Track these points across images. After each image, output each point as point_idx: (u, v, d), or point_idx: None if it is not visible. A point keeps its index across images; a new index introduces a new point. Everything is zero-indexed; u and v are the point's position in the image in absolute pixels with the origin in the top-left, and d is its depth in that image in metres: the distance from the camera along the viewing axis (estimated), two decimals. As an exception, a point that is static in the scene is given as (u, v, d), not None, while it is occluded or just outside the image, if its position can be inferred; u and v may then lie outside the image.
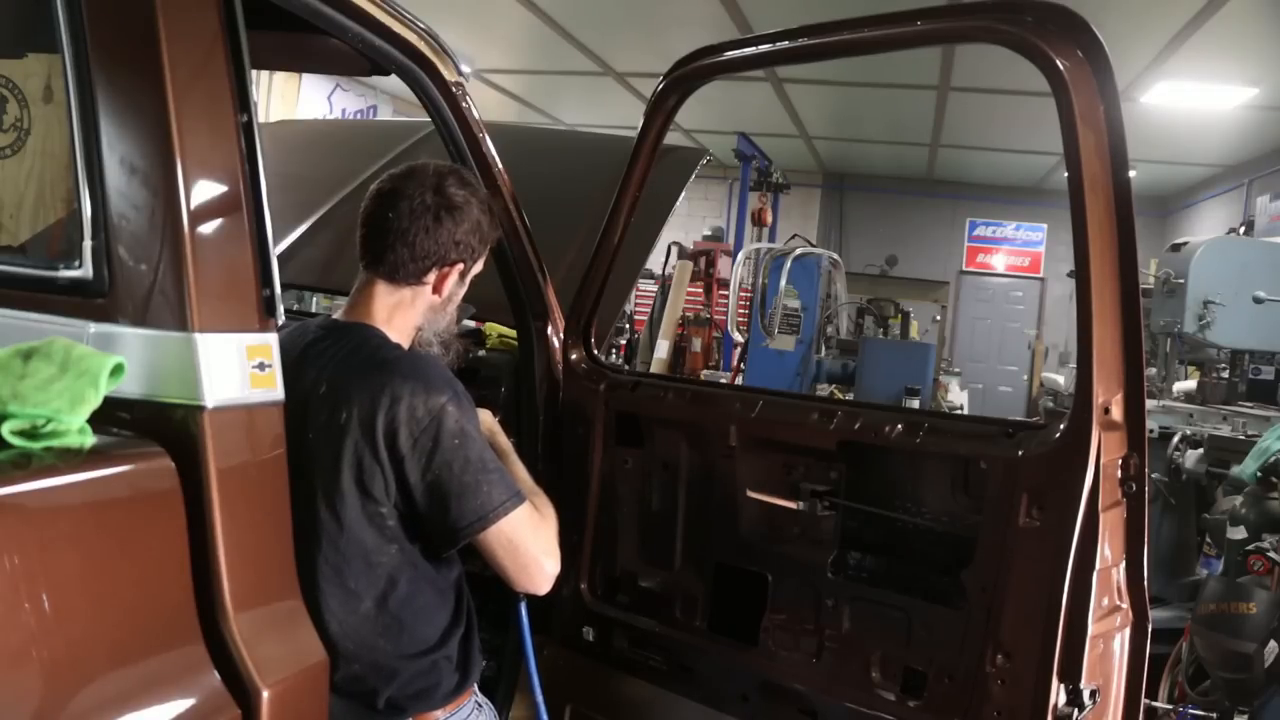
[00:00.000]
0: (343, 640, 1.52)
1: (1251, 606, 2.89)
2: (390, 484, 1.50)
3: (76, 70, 1.17)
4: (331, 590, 1.52)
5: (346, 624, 1.53)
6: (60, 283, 1.20)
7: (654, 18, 7.28)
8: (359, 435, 1.48)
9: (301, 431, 1.50)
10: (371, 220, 1.62)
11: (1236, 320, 5.26)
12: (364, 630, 1.54)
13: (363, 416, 1.48)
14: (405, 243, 1.59)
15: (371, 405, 1.49)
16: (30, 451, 1.02)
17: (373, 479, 1.49)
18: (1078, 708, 1.62)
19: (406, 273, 1.61)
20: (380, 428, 1.48)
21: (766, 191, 10.42)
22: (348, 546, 1.52)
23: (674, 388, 2.30)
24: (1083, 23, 1.64)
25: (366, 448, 1.48)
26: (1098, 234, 1.63)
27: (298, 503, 1.50)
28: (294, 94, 8.97)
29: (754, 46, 2.15)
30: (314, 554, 1.50)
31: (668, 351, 8.74)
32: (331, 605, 1.52)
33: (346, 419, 1.49)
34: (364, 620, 1.54)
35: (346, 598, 1.53)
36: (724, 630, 2.18)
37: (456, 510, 1.51)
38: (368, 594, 1.54)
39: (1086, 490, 1.62)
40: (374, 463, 1.48)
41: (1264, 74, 7.18)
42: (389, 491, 1.51)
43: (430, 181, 1.61)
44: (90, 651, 1.02)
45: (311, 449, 1.50)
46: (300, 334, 1.64)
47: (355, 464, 1.49)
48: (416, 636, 1.58)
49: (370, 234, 1.62)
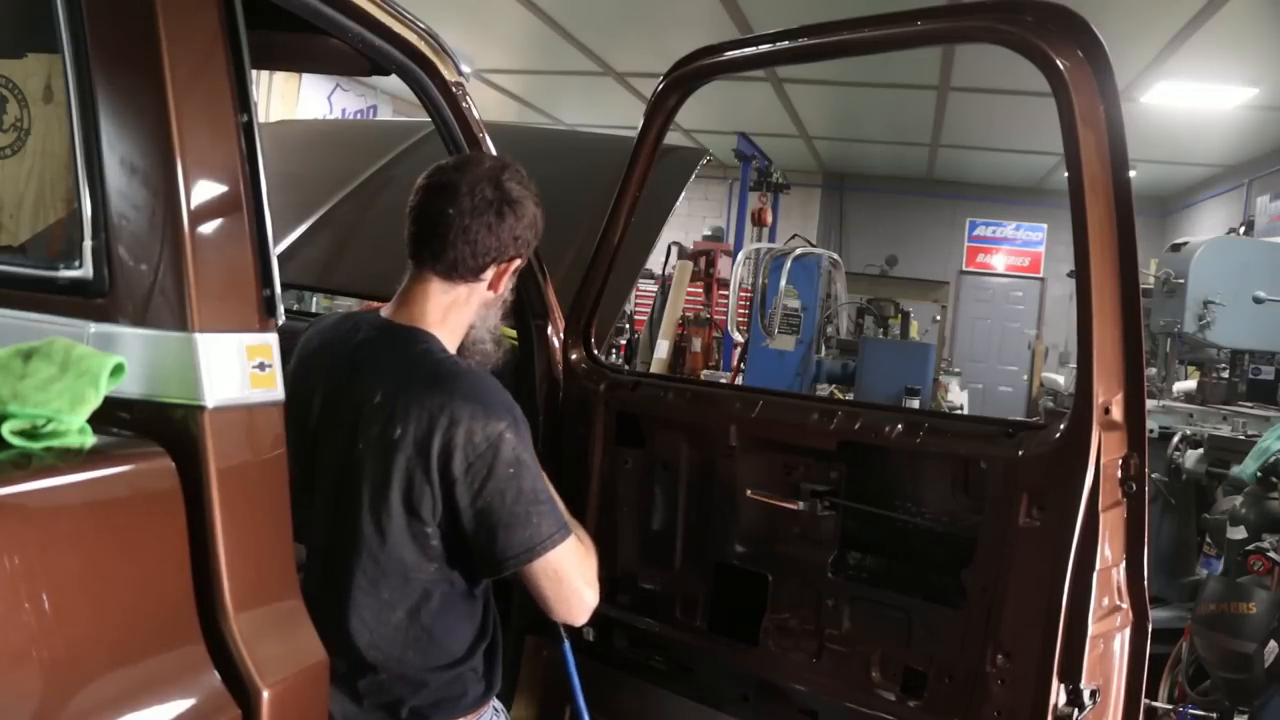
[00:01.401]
0: (371, 650, 1.51)
1: (1251, 606, 2.89)
2: (438, 506, 1.47)
3: (76, 70, 1.17)
4: (365, 600, 1.50)
5: (377, 634, 1.51)
6: (60, 283, 1.20)
7: (654, 18, 7.28)
8: (412, 453, 1.44)
9: (351, 440, 1.49)
10: (427, 216, 1.55)
11: (1236, 320, 5.27)
12: (394, 641, 1.52)
13: (418, 435, 1.44)
14: (466, 239, 1.53)
15: (429, 425, 1.44)
16: (30, 451, 1.02)
17: (421, 499, 1.46)
18: (1078, 708, 1.62)
19: (465, 269, 1.56)
20: (435, 449, 1.44)
21: (766, 191, 10.42)
22: (387, 561, 1.49)
23: (674, 388, 2.30)
24: (1083, 23, 1.64)
25: (419, 467, 1.45)
26: (1098, 234, 1.63)
27: (340, 509, 1.50)
28: (294, 94, 8.97)
29: (754, 46, 2.15)
30: (351, 564, 1.49)
31: (668, 351, 8.74)
32: (364, 615, 1.50)
33: (401, 435, 1.44)
34: (395, 631, 1.52)
35: (380, 608, 1.51)
36: (724, 630, 2.18)
37: (504, 540, 1.47)
38: (401, 606, 1.51)
39: (1086, 490, 1.62)
40: (424, 483, 1.45)
41: (1264, 74, 7.18)
42: (436, 512, 1.47)
43: (489, 175, 1.55)
44: (90, 651, 1.02)
45: (361, 459, 1.47)
46: (349, 331, 1.60)
47: (405, 481, 1.45)
48: (445, 649, 1.56)
49: (425, 230, 1.55)
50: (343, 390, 1.54)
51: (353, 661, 1.52)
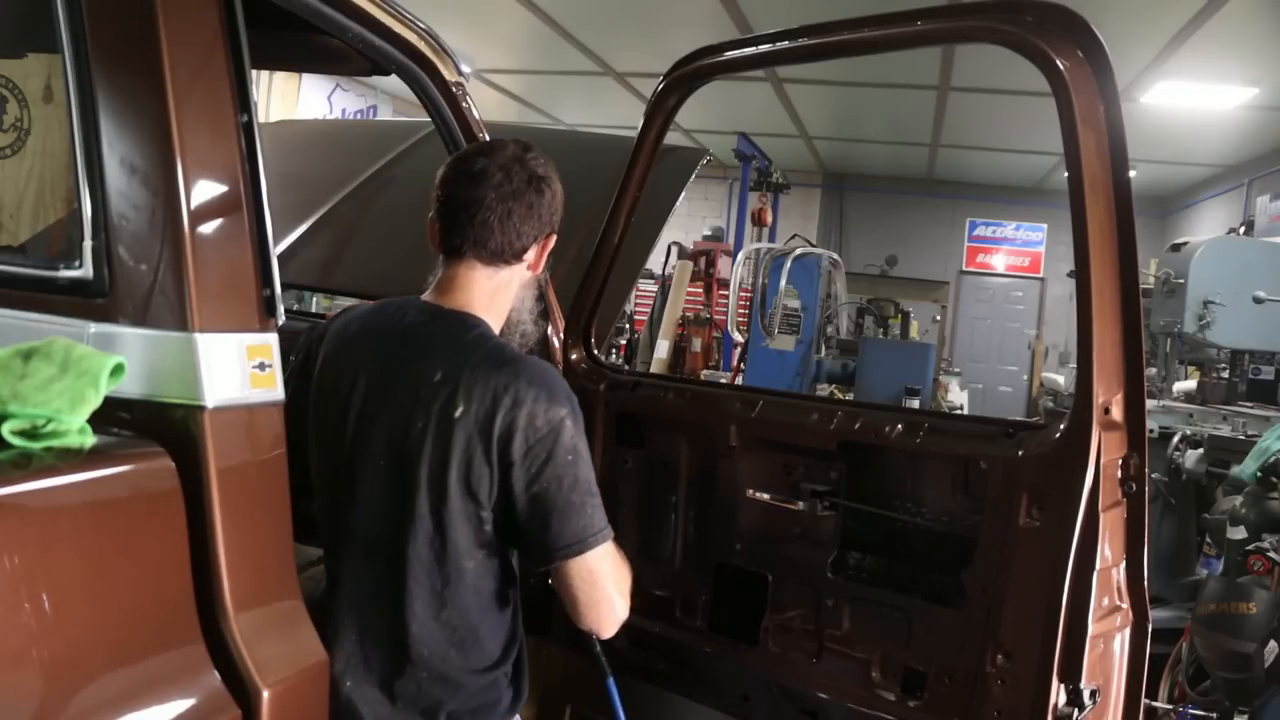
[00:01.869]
0: (417, 645, 1.48)
1: (1251, 606, 2.89)
2: (494, 488, 1.45)
3: (77, 70, 1.17)
4: (419, 591, 1.48)
5: (426, 628, 1.49)
6: (60, 283, 1.20)
7: (654, 18, 7.28)
8: (473, 431, 1.43)
9: (408, 420, 1.46)
10: (464, 204, 1.53)
11: (1236, 320, 5.27)
12: (440, 638, 1.50)
13: (480, 414, 1.43)
14: (511, 223, 1.54)
15: (492, 404, 1.43)
16: (30, 451, 1.03)
17: (480, 480, 1.44)
18: (1078, 708, 1.62)
19: (510, 253, 1.56)
20: (497, 429, 1.43)
21: (766, 191, 10.42)
22: (441, 547, 1.47)
23: (674, 388, 2.30)
24: (1083, 23, 1.64)
25: (479, 446, 1.43)
26: (1098, 234, 1.63)
27: (394, 494, 1.47)
28: (294, 94, 8.97)
29: (754, 46, 2.15)
30: (406, 550, 1.46)
31: (668, 351, 8.74)
32: (416, 606, 1.48)
33: (463, 413, 1.43)
34: (443, 627, 1.50)
35: (430, 600, 1.48)
36: (724, 630, 2.18)
37: (557, 528, 1.46)
38: (451, 600, 1.50)
39: (1086, 490, 1.62)
40: (484, 463, 1.44)
41: (1264, 74, 7.18)
42: (491, 495, 1.46)
43: (516, 158, 1.56)
44: (90, 651, 1.02)
45: (420, 438, 1.45)
46: (394, 314, 1.58)
47: (464, 461, 1.43)
48: (485, 650, 1.55)
49: (464, 219, 1.53)
50: (395, 372, 1.51)
51: (396, 656, 1.49)
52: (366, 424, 1.52)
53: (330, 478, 1.57)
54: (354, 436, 1.53)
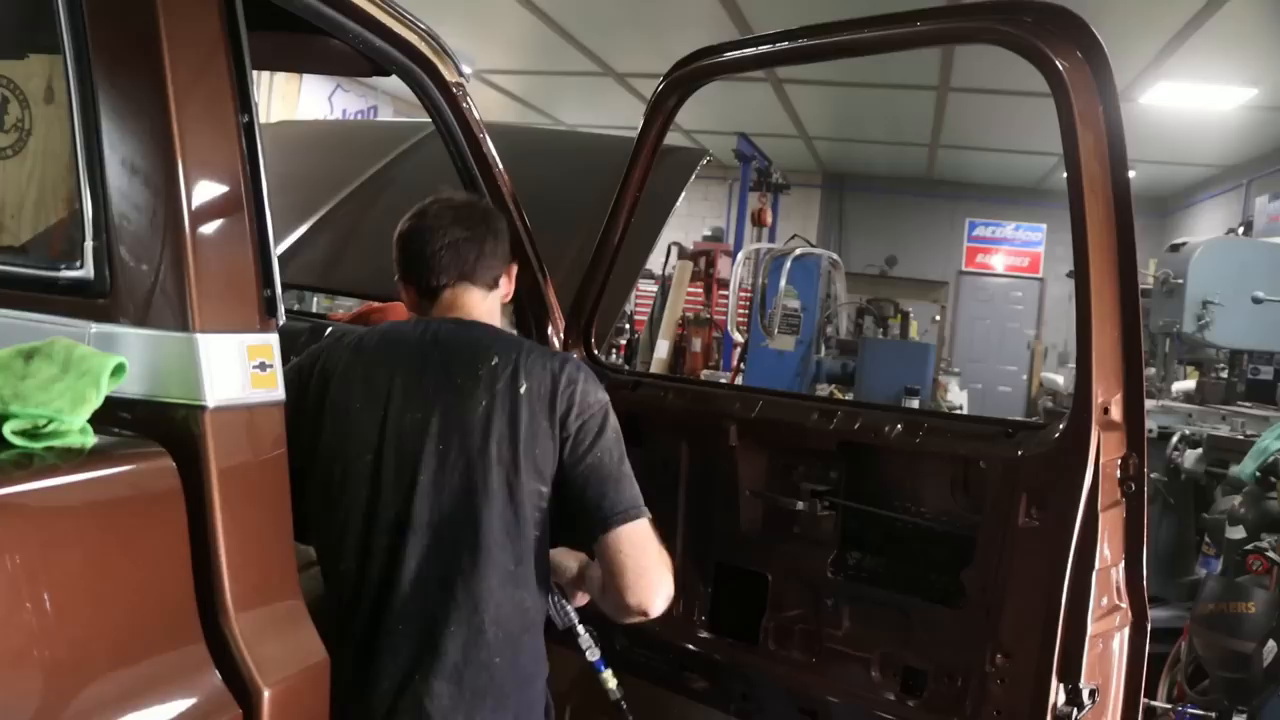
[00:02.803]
0: (493, 626, 1.50)
1: (1250, 606, 2.89)
2: (554, 461, 1.54)
3: (78, 71, 1.17)
4: (494, 570, 1.50)
5: (502, 608, 1.51)
6: (62, 283, 1.20)
7: (654, 18, 7.28)
8: (537, 405, 1.53)
9: (470, 398, 1.52)
10: (443, 247, 1.67)
11: (1235, 320, 5.27)
12: (515, 620, 1.53)
13: (541, 390, 1.54)
14: (484, 256, 1.70)
15: (552, 381, 1.55)
16: (32, 451, 1.03)
17: (545, 452, 1.53)
18: (1077, 707, 1.62)
19: (492, 279, 1.73)
20: (559, 402, 1.54)
21: (766, 192, 10.41)
22: (512, 519, 1.51)
23: (674, 388, 2.30)
24: (1082, 23, 1.65)
25: (544, 418, 1.53)
26: (1097, 234, 1.63)
27: (458, 474, 1.51)
28: (295, 95, 8.96)
29: (754, 47, 2.16)
30: (479, 525, 1.49)
31: (668, 351, 8.74)
32: (493, 584, 1.50)
33: (527, 389, 1.54)
34: (516, 608, 1.53)
35: (505, 579, 1.51)
36: (724, 630, 2.18)
37: (614, 494, 1.54)
38: (523, 579, 1.53)
39: (1086, 490, 1.62)
40: (548, 436, 1.53)
41: (1263, 74, 7.18)
42: (552, 468, 1.54)
43: (467, 203, 1.76)
44: (92, 651, 1.02)
45: (488, 414, 1.52)
46: (417, 327, 1.65)
47: (531, 433, 1.52)
48: (541, 645, 1.60)
49: (446, 260, 1.67)
50: (443, 365, 1.58)
51: (471, 643, 1.49)
52: (414, 414, 1.55)
53: (359, 479, 1.56)
54: (397, 431, 1.55)
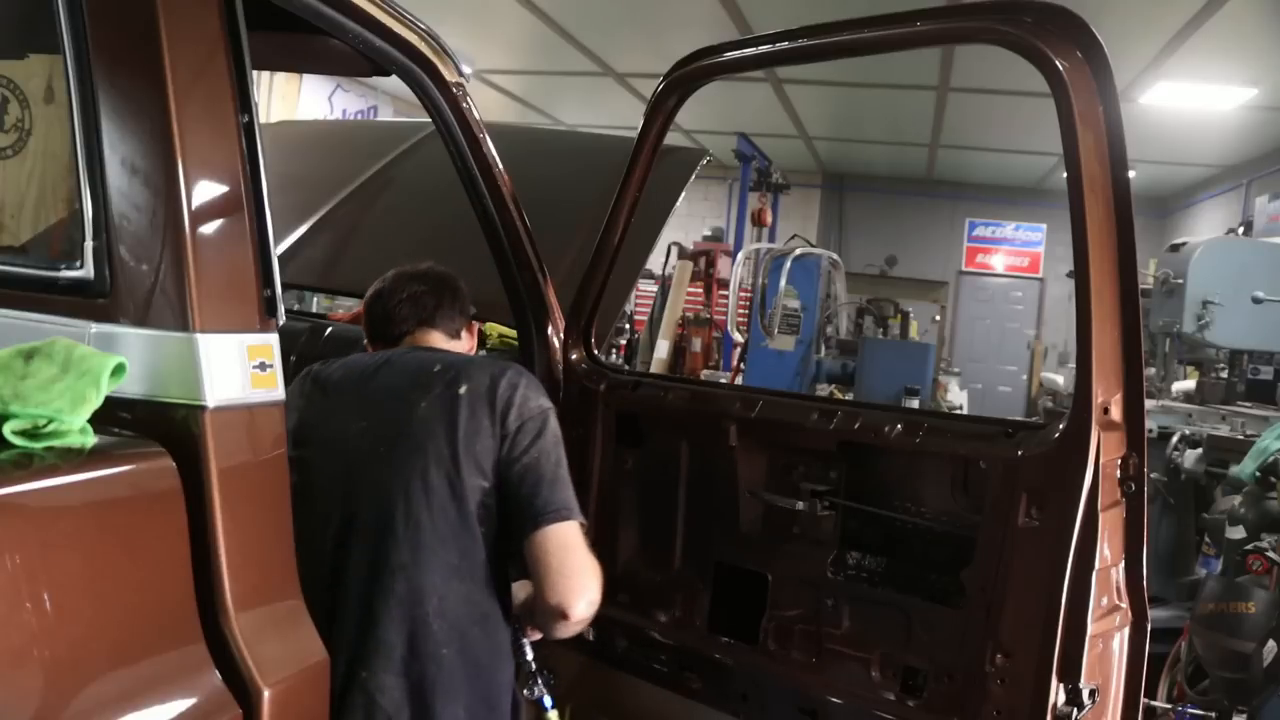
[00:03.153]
0: (436, 618, 1.54)
1: (1250, 606, 2.89)
2: (495, 456, 1.59)
3: (78, 71, 1.17)
4: (435, 563, 1.54)
5: (445, 601, 1.55)
6: (62, 283, 1.20)
7: (654, 18, 7.28)
8: (477, 402, 1.59)
9: (412, 403, 1.60)
10: (403, 302, 1.80)
11: (1235, 320, 5.27)
12: (460, 612, 1.57)
13: (481, 389, 1.61)
14: (443, 307, 1.82)
15: (491, 382, 1.62)
16: (32, 451, 1.03)
17: (485, 447, 1.58)
18: (1077, 707, 1.62)
19: (454, 329, 1.84)
20: (498, 402, 1.60)
21: (766, 192, 10.41)
22: (455, 515, 1.56)
23: (674, 388, 2.30)
24: (1082, 23, 1.64)
25: (484, 413, 1.59)
26: (1097, 234, 1.63)
27: (399, 473, 1.56)
28: (295, 95, 8.97)
29: (754, 47, 2.16)
30: (420, 520, 1.54)
31: (668, 351, 8.74)
32: (435, 579, 1.54)
33: (466, 390, 1.60)
34: (463, 602, 1.57)
35: (448, 573, 1.55)
36: (724, 630, 2.18)
37: (547, 494, 1.58)
38: (468, 574, 1.57)
39: (1086, 490, 1.62)
40: (488, 431, 1.58)
41: (1263, 74, 7.18)
42: (493, 463, 1.59)
43: (426, 269, 1.87)
44: (92, 651, 1.02)
45: (427, 416, 1.58)
46: (374, 356, 1.76)
47: (471, 429, 1.57)
48: (501, 639, 1.63)
49: (406, 311, 1.80)
50: (393, 377, 1.68)
51: (416, 635, 1.52)
52: (359, 422, 1.63)
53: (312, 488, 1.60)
54: (342, 438, 1.63)
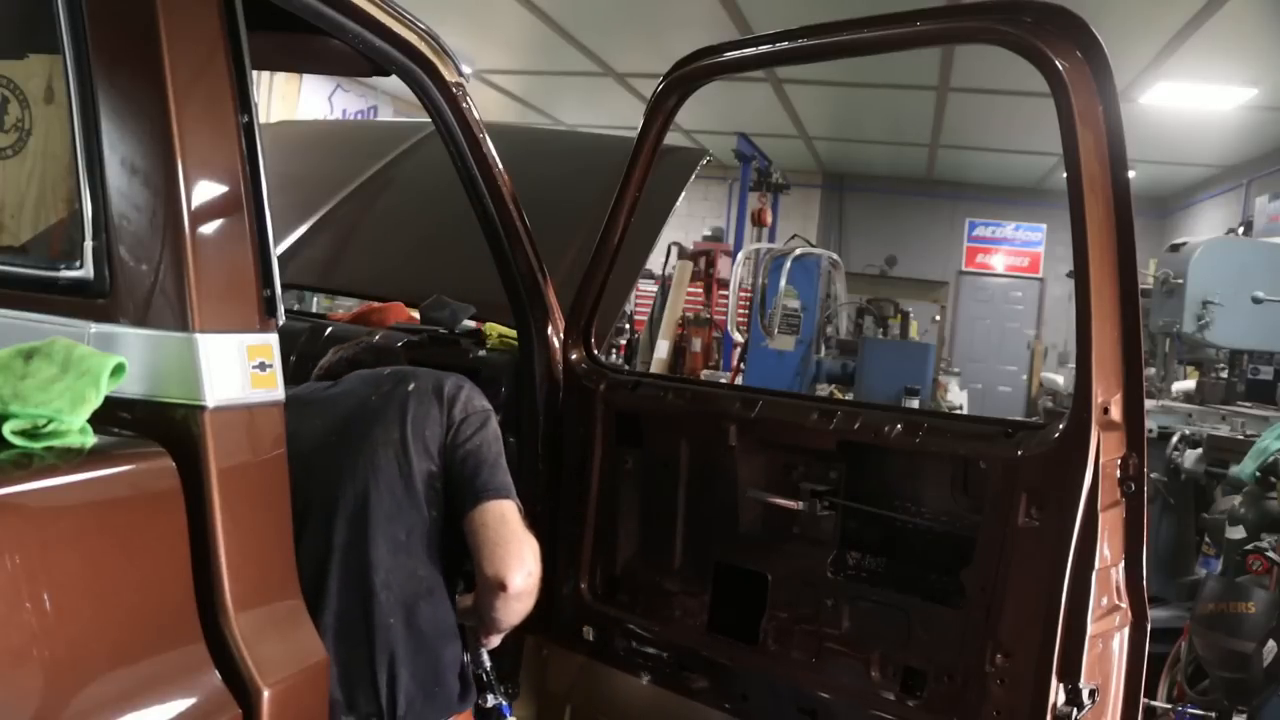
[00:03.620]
0: (382, 590, 1.60)
1: (1250, 606, 2.89)
2: (441, 440, 1.68)
3: (78, 71, 1.17)
4: (380, 538, 1.62)
5: (391, 574, 1.62)
6: (61, 283, 1.20)
7: (654, 18, 7.28)
8: (425, 393, 1.71)
9: (363, 400, 1.72)
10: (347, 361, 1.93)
11: (1235, 320, 5.27)
12: (407, 588, 1.63)
13: (429, 384, 1.73)
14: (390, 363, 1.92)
15: (438, 381, 1.74)
16: (31, 451, 1.03)
17: (433, 432, 1.68)
18: (1077, 707, 1.62)
19: None
20: (445, 396, 1.72)
21: (766, 192, 10.41)
22: (401, 491, 1.64)
23: (674, 388, 2.30)
24: (1082, 23, 1.64)
25: (431, 402, 1.70)
26: (1097, 234, 1.63)
27: (351, 456, 1.65)
28: (295, 95, 8.97)
29: (754, 47, 2.15)
30: (367, 498, 1.63)
31: (668, 351, 8.74)
32: (381, 553, 1.61)
33: (415, 387, 1.72)
34: (409, 577, 1.63)
35: (394, 548, 1.62)
36: (724, 630, 2.18)
37: (487, 475, 1.67)
38: (413, 549, 1.64)
39: (1086, 490, 1.62)
40: (435, 418, 1.69)
41: (1263, 74, 7.18)
42: (440, 447, 1.68)
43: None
44: (91, 651, 1.02)
45: (377, 409, 1.69)
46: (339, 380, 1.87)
47: (419, 416, 1.68)
48: (447, 616, 1.69)
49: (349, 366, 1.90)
50: (345, 386, 1.80)
51: (358, 606, 1.59)
52: (314, 421, 1.71)
53: None
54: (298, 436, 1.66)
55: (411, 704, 1.59)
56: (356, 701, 1.58)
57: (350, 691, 1.58)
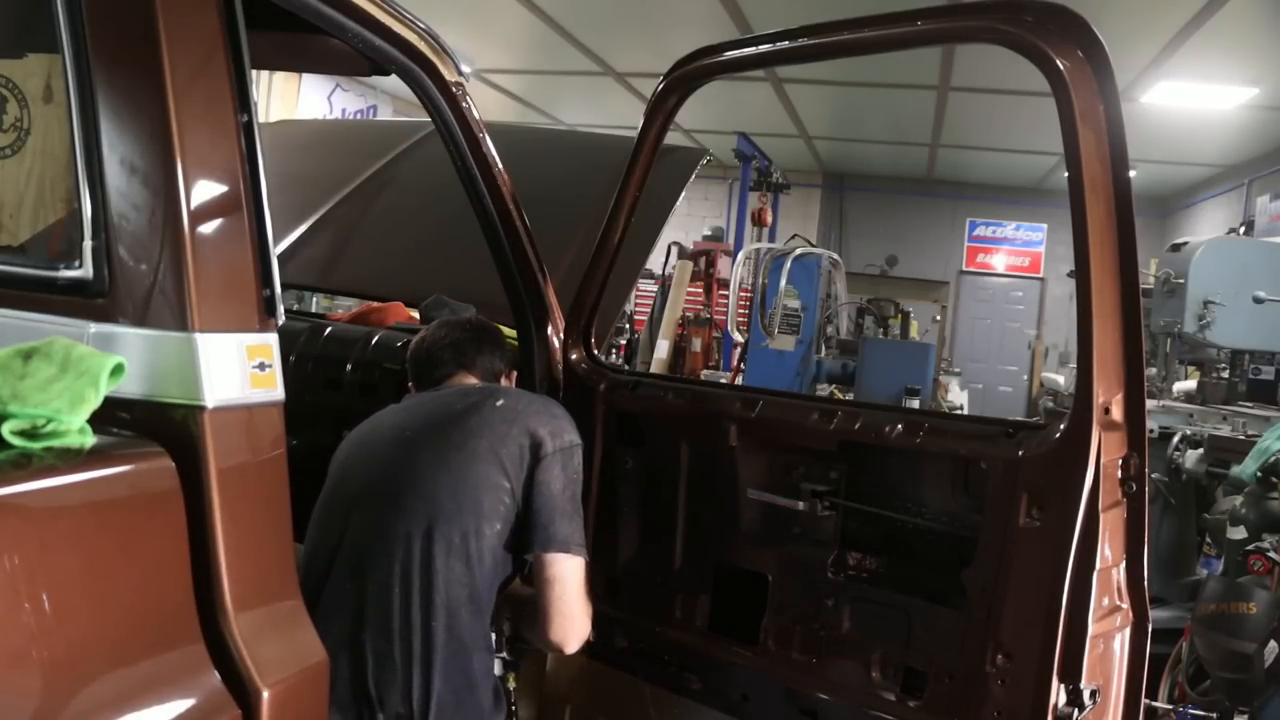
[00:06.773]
0: (436, 592, 1.61)
1: (1251, 606, 2.89)
2: (519, 466, 1.69)
3: (77, 70, 1.17)
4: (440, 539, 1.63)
5: (443, 576, 1.62)
6: (60, 283, 1.20)
7: (654, 18, 7.28)
8: (512, 417, 1.73)
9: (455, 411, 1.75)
10: (443, 348, 1.94)
11: (1236, 320, 5.26)
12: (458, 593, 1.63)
13: (519, 408, 1.76)
14: (483, 352, 1.96)
15: (526, 403, 1.78)
16: (30, 451, 1.02)
17: (510, 453, 1.69)
18: (1078, 708, 1.62)
19: (494, 371, 1.97)
20: (531, 422, 1.73)
21: (766, 191, 10.41)
22: (464, 495, 1.65)
23: (674, 388, 2.30)
24: (1082, 23, 1.64)
25: (517, 426, 1.72)
26: (1098, 234, 1.63)
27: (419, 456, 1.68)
28: (294, 94, 8.97)
29: (754, 46, 2.15)
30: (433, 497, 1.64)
31: (668, 351, 8.74)
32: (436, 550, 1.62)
33: (504, 405, 1.75)
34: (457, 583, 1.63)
35: (449, 551, 1.63)
36: (724, 630, 2.18)
37: (560, 523, 1.69)
38: (470, 555, 1.64)
39: (1086, 490, 1.62)
40: (515, 441, 1.70)
41: (1264, 74, 7.18)
42: (517, 471, 1.69)
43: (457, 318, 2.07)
44: (90, 652, 1.02)
45: (459, 417, 1.73)
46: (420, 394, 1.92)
47: (500, 435, 1.70)
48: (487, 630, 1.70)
49: (447, 355, 1.93)
50: (437, 402, 1.83)
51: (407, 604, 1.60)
52: (392, 419, 1.80)
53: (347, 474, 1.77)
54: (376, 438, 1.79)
55: (443, 709, 1.59)
56: (388, 699, 1.58)
57: (382, 689, 1.58)
